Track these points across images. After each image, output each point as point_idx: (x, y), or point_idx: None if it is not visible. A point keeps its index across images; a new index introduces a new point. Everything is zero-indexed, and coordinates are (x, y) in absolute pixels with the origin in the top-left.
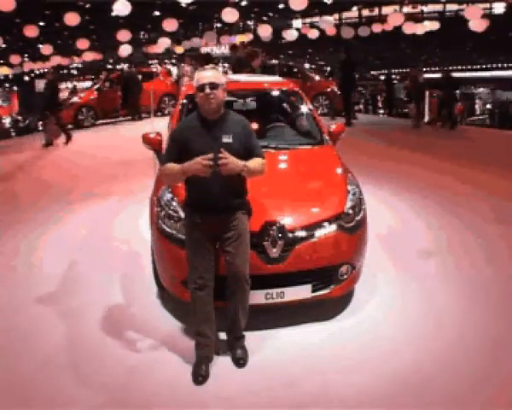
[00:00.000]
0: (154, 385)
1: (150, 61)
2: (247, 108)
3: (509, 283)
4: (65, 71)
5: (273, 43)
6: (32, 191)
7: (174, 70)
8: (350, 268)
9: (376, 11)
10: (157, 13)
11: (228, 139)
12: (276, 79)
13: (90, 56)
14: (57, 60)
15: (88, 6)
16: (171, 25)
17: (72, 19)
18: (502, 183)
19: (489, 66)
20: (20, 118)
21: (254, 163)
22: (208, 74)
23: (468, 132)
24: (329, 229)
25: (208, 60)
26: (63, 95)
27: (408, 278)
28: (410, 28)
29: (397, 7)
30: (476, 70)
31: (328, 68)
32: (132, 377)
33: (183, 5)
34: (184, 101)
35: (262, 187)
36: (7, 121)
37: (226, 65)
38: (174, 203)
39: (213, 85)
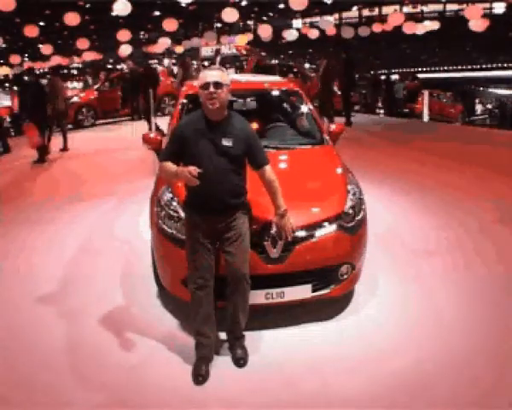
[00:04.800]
0: (153, 385)
1: (150, 61)
2: (247, 107)
3: (509, 282)
4: (65, 71)
5: (273, 43)
6: None
7: (175, 70)
8: (350, 268)
9: (376, 11)
10: (157, 13)
11: (228, 143)
12: (276, 78)
13: (90, 56)
14: (57, 60)
15: (88, 6)
16: (171, 25)
17: (72, 19)
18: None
19: (489, 66)
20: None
21: (278, 194)
22: (213, 73)
23: None
24: (329, 229)
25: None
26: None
27: (408, 278)
28: (410, 28)
29: (397, 7)
30: (476, 70)
31: None
32: (132, 377)
33: (183, 5)
34: (184, 101)
35: (262, 187)
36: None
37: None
38: (174, 203)
39: (218, 84)
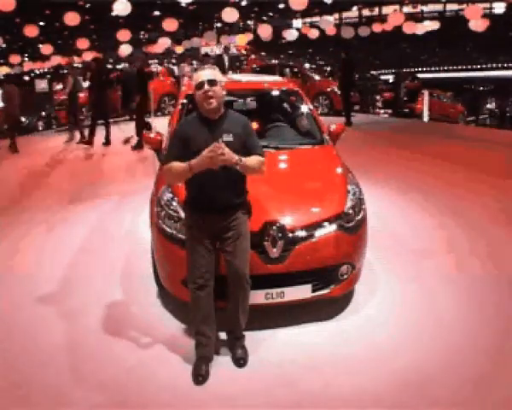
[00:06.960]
0: (153, 385)
1: (150, 61)
2: (247, 107)
3: (510, 282)
4: (65, 71)
5: (273, 43)
6: None
7: (175, 69)
8: (350, 268)
9: (376, 11)
10: (157, 13)
11: (228, 138)
12: (276, 78)
13: (90, 56)
14: (57, 60)
15: (88, 6)
16: (171, 25)
17: (72, 19)
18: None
19: (489, 66)
20: None
21: (251, 160)
22: (206, 72)
23: None
24: (329, 229)
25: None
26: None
27: (408, 278)
28: (410, 28)
29: (397, 7)
30: (476, 70)
31: (329, 68)
32: (132, 377)
33: (183, 5)
34: (184, 101)
35: (262, 187)
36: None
37: None
38: (174, 203)
39: (212, 82)
